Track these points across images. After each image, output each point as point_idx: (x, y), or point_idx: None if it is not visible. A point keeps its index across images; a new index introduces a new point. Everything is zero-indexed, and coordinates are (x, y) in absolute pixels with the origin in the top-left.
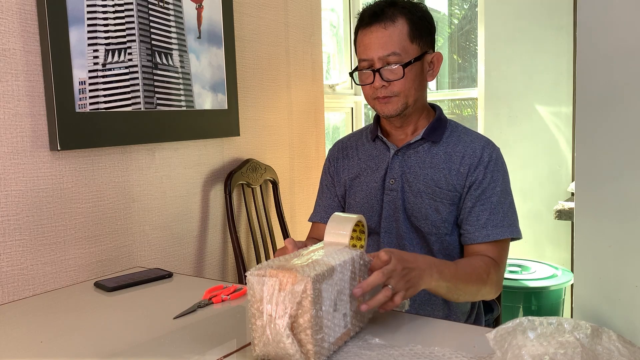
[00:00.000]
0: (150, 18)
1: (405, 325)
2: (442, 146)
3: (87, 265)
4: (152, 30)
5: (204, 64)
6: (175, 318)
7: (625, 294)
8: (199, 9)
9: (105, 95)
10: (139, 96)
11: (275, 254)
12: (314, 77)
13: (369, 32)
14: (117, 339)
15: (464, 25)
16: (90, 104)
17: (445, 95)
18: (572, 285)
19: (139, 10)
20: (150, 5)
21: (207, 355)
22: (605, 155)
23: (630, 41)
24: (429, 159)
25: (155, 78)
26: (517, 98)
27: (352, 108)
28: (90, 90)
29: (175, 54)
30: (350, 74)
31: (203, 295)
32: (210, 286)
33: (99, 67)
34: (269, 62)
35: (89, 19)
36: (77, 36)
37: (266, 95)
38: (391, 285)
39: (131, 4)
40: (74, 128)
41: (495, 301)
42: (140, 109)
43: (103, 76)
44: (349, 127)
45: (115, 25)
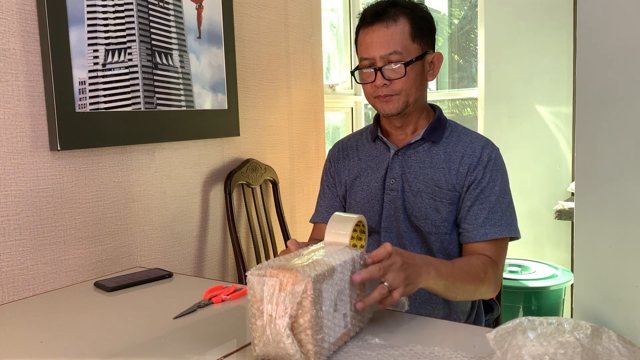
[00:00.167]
0: (150, 18)
1: (405, 325)
2: (442, 146)
3: (87, 265)
4: (152, 30)
5: (204, 64)
6: (175, 318)
7: (625, 294)
8: (199, 9)
9: (105, 95)
10: (139, 96)
11: (279, 255)
12: (314, 77)
13: (371, 31)
14: (117, 339)
15: (464, 25)
16: (90, 104)
17: (445, 95)
18: (572, 285)
19: (139, 10)
20: (150, 5)
21: (207, 355)
22: (605, 155)
23: (630, 41)
24: (429, 158)
25: (155, 78)
26: (517, 98)
27: (352, 108)
28: (90, 90)
29: (175, 54)
30: (352, 73)
31: (203, 295)
32: (210, 286)
33: (99, 67)
34: (269, 62)
35: (89, 19)
36: (77, 36)
37: (266, 95)
38: (388, 281)
39: (131, 4)
40: (74, 128)
41: (495, 301)
42: (140, 109)
43: (103, 76)
44: (349, 127)
45: (115, 25)
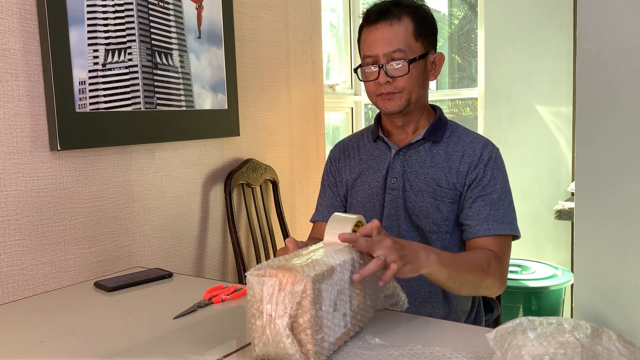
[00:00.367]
0: (150, 18)
1: (405, 325)
2: (443, 146)
3: (87, 265)
4: (152, 30)
5: (204, 64)
6: (175, 318)
7: (625, 294)
8: (199, 9)
9: (105, 95)
10: (139, 96)
11: (277, 253)
12: (314, 77)
13: (375, 29)
14: (117, 339)
15: (464, 25)
16: (91, 104)
17: (445, 95)
18: (572, 285)
19: (139, 10)
20: (150, 5)
21: (207, 355)
22: (605, 155)
23: (630, 41)
24: (430, 158)
25: (155, 78)
26: (517, 98)
27: (352, 108)
28: (90, 90)
29: (175, 54)
30: (355, 70)
31: (203, 295)
32: (210, 286)
33: (99, 67)
34: (269, 62)
35: (89, 19)
36: (77, 36)
37: (266, 95)
38: (382, 254)
39: (131, 4)
40: (74, 128)
41: (495, 301)
42: (140, 109)
43: (103, 76)
44: (349, 127)
45: (115, 25)
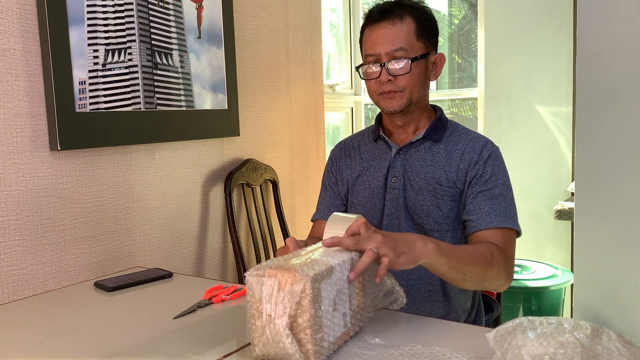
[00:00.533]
0: (150, 18)
1: (405, 325)
2: (443, 144)
3: (87, 265)
4: (152, 30)
5: (204, 64)
6: (175, 318)
7: (625, 294)
8: (199, 9)
9: (105, 95)
10: (139, 96)
11: (277, 252)
12: (314, 77)
13: (377, 28)
14: (117, 339)
15: (464, 25)
16: (91, 104)
17: (445, 95)
18: (572, 285)
19: (139, 10)
20: (150, 5)
21: (207, 355)
22: (605, 155)
23: (630, 41)
24: (430, 157)
25: (155, 78)
26: (517, 98)
27: (352, 108)
28: (90, 90)
29: (175, 54)
30: (357, 69)
31: (203, 295)
32: (210, 286)
33: (99, 67)
34: (269, 62)
35: (89, 19)
36: (77, 36)
37: (266, 95)
38: (373, 247)
39: (131, 4)
40: (74, 128)
41: (495, 301)
42: (140, 109)
43: (103, 76)
44: (349, 127)
45: (115, 25)
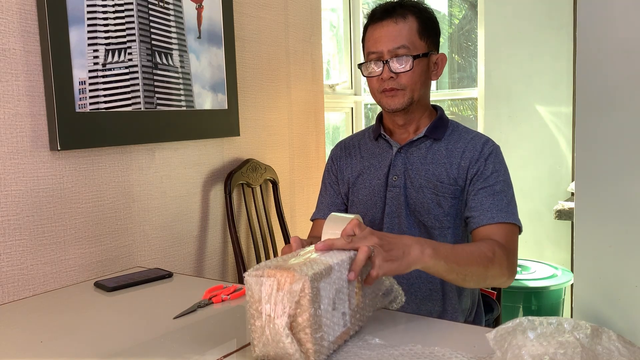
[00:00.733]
0: (150, 18)
1: (405, 325)
2: (444, 143)
3: (87, 265)
4: (152, 30)
5: (204, 64)
6: (175, 318)
7: (625, 294)
8: (199, 9)
9: (105, 95)
10: (139, 96)
11: (281, 250)
12: (314, 77)
13: (380, 27)
14: (117, 339)
15: (464, 25)
16: (91, 104)
17: (445, 95)
18: (572, 285)
19: (139, 10)
20: (150, 5)
21: (207, 355)
22: (605, 155)
23: (630, 41)
24: (431, 155)
25: (155, 78)
26: (517, 98)
27: (352, 108)
28: (91, 90)
29: (175, 54)
30: (359, 66)
31: (203, 295)
32: (210, 286)
33: (99, 67)
34: (269, 62)
35: (89, 19)
36: (77, 36)
37: (266, 95)
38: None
39: (131, 4)
40: (74, 128)
41: (495, 301)
42: (140, 109)
43: (103, 76)
44: (349, 127)
45: (115, 25)
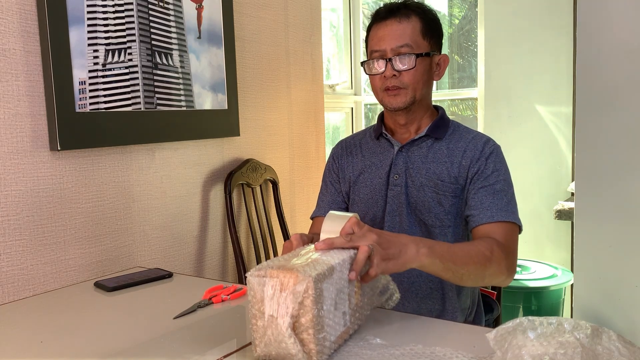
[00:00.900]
0: (150, 18)
1: (406, 325)
2: (445, 142)
3: (87, 265)
4: (152, 30)
5: (204, 64)
6: (175, 318)
7: (625, 294)
8: (199, 9)
9: (105, 95)
10: (139, 96)
11: (283, 246)
12: (314, 77)
13: (384, 26)
14: (117, 339)
15: (464, 25)
16: (91, 104)
17: (445, 95)
18: (572, 285)
19: (139, 10)
20: (150, 5)
21: (207, 355)
22: (605, 155)
23: (630, 41)
24: (432, 154)
25: (155, 78)
26: (517, 98)
27: (352, 108)
28: (91, 90)
29: (175, 54)
30: (362, 64)
31: (203, 295)
32: (210, 286)
33: (99, 67)
34: (269, 62)
35: (89, 19)
36: (77, 36)
37: (266, 95)
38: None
39: (131, 4)
40: (74, 128)
41: (495, 301)
42: (140, 109)
43: (103, 76)
44: (349, 127)
45: (115, 25)
